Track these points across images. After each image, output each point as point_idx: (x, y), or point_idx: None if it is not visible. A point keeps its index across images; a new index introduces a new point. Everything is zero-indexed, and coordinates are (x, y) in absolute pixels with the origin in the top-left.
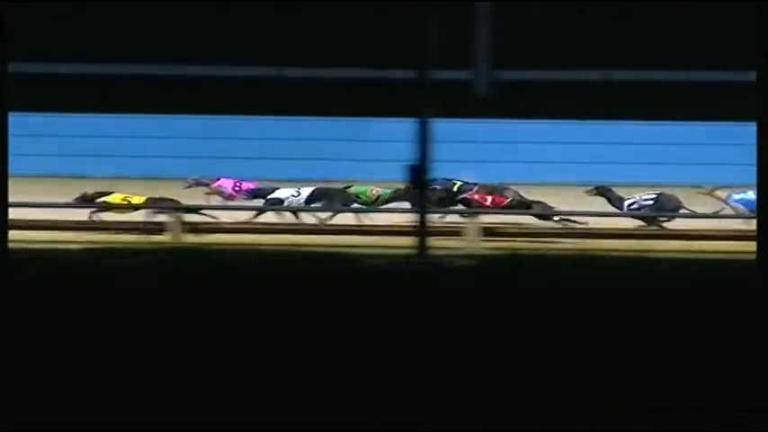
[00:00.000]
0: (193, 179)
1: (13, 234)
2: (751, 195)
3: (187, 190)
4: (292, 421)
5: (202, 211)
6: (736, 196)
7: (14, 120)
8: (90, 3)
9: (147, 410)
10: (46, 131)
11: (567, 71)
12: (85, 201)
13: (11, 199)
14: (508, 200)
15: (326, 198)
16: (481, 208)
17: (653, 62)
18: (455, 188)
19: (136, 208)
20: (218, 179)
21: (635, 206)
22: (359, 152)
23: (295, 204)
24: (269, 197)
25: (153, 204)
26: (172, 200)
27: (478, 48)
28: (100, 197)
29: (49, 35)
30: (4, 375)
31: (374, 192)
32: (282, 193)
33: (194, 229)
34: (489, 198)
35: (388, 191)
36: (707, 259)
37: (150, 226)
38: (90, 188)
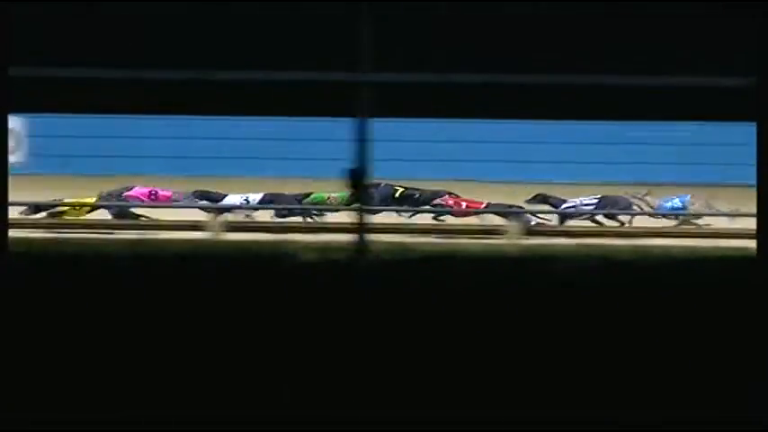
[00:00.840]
0: (106, 192)
1: None
2: (677, 202)
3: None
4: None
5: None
6: (667, 204)
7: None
8: None
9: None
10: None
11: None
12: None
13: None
14: (483, 205)
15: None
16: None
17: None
18: (396, 194)
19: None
20: (132, 188)
21: (572, 209)
22: (293, 151)
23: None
24: (219, 204)
25: (104, 203)
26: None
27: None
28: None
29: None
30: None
31: (332, 198)
32: (232, 199)
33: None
34: (464, 204)
35: (345, 195)
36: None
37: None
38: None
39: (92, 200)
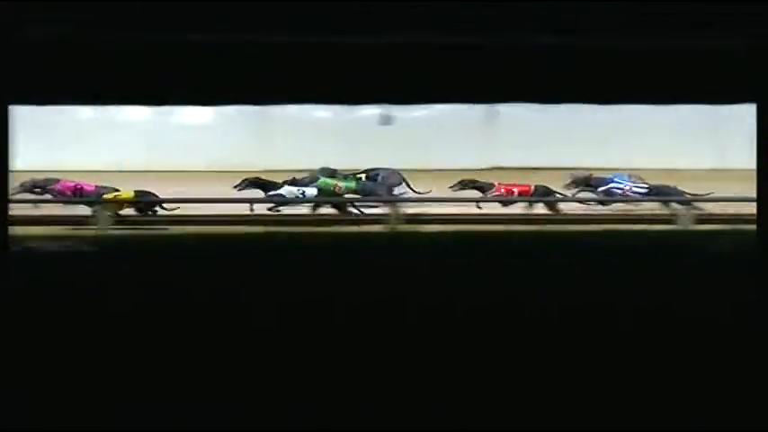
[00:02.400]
0: (31, 181)
1: None
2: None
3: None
4: None
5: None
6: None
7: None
8: None
9: None
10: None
11: None
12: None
13: None
14: (531, 188)
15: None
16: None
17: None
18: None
19: (127, 203)
20: (58, 182)
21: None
22: None
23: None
24: (271, 193)
25: (143, 198)
26: (152, 193)
27: None
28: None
29: None
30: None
31: (339, 187)
32: (287, 189)
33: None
34: (515, 189)
35: (352, 184)
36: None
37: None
38: None
39: (129, 194)
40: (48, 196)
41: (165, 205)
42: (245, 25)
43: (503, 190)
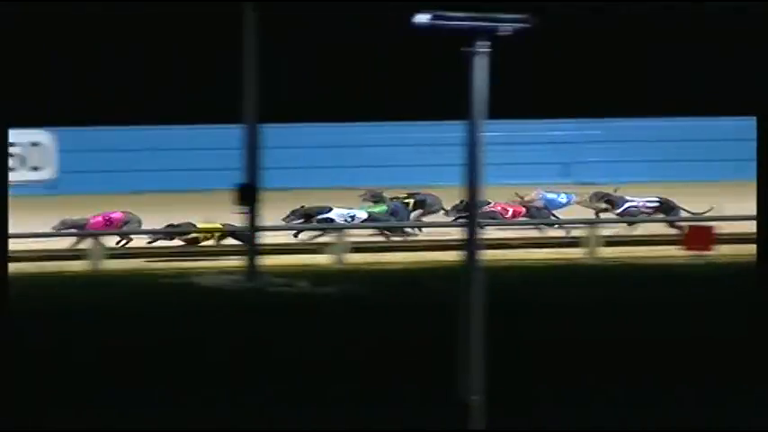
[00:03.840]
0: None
1: None
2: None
3: None
4: None
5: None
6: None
7: None
8: None
9: None
10: None
11: None
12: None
13: None
14: (532, 203)
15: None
16: (504, 219)
17: None
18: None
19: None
20: (89, 219)
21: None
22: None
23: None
24: (320, 217)
25: (228, 228)
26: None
27: None
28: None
29: None
30: None
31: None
32: (336, 213)
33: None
34: (510, 209)
35: (381, 209)
36: None
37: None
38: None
39: (219, 225)
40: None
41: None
42: None
43: (498, 208)
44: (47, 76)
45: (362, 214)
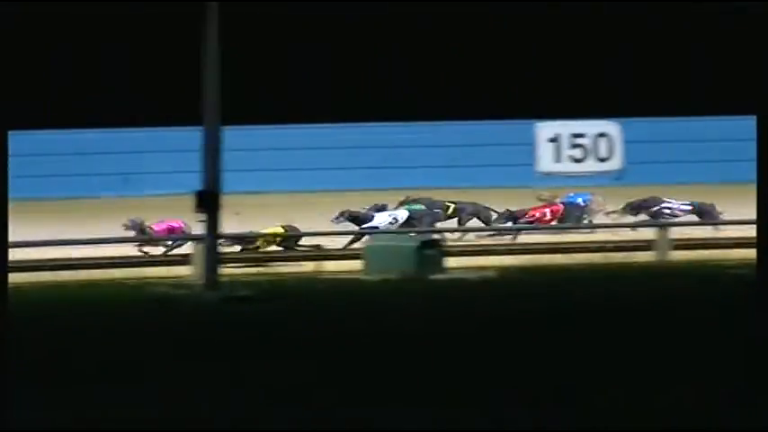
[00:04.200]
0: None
1: None
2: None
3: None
4: None
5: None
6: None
7: None
8: None
9: None
10: None
11: None
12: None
13: None
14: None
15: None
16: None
17: None
18: (449, 210)
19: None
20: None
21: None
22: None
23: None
24: (365, 226)
25: (292, 233)
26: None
27: None
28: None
29: None
30: None
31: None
32: (379, 219)
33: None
34: (548, 211)
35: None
36: None
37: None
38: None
39: (280, 230)
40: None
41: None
42: None
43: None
44: (46, 77)
45: (404, 213)
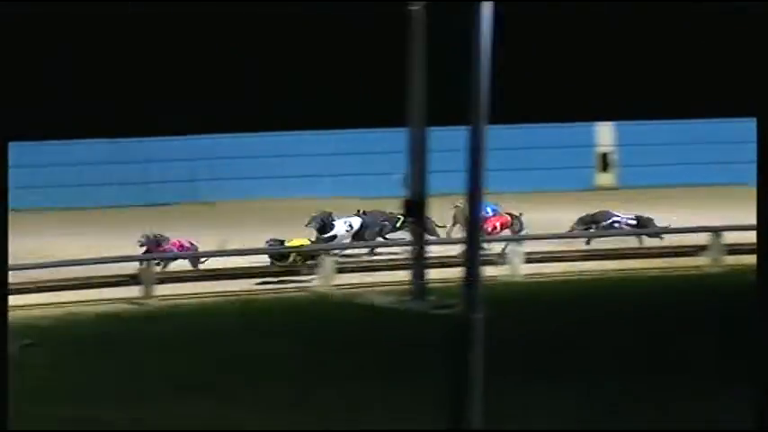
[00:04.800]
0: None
1: None
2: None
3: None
4: None
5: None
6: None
7: None
8: None
9: None
10: None
11: None
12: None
13: None
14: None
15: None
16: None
17: None
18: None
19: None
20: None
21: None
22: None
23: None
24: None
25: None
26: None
27: None
28: None
29: None
30: None
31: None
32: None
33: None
34: (498, 223)
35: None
36: None
37: None
38: None
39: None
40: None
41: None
42: None
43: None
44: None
45: (356, 221)
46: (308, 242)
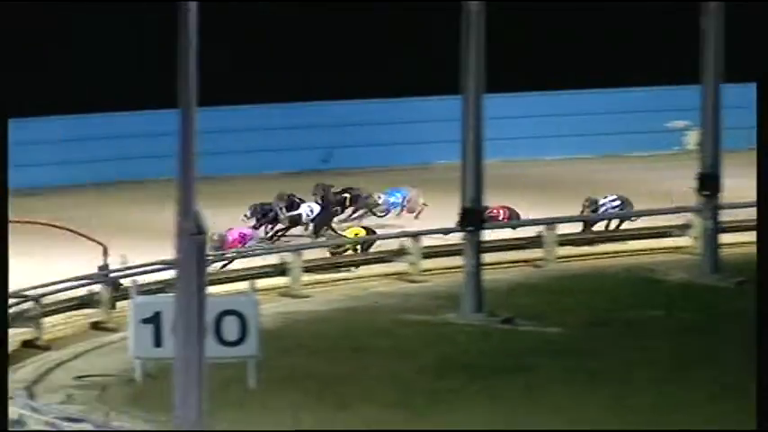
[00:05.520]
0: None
1: None
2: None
3: None
4: None
5: None
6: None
7: None
8: None
9: None
10: None
11: None
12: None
13: None
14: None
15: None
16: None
17: None
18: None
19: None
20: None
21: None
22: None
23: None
24: (290, 214)
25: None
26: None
27: None
28: None
29: None
30: None
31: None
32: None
33: None
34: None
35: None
36: None
37: None
38: None
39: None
40: None
41: None
42: None
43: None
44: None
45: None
46: (363, 232)
